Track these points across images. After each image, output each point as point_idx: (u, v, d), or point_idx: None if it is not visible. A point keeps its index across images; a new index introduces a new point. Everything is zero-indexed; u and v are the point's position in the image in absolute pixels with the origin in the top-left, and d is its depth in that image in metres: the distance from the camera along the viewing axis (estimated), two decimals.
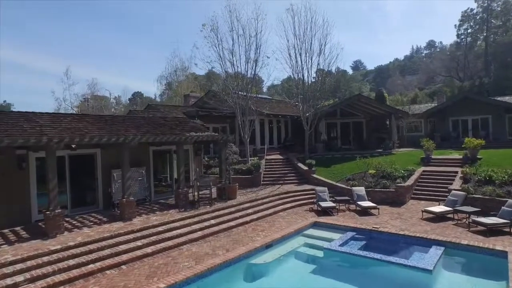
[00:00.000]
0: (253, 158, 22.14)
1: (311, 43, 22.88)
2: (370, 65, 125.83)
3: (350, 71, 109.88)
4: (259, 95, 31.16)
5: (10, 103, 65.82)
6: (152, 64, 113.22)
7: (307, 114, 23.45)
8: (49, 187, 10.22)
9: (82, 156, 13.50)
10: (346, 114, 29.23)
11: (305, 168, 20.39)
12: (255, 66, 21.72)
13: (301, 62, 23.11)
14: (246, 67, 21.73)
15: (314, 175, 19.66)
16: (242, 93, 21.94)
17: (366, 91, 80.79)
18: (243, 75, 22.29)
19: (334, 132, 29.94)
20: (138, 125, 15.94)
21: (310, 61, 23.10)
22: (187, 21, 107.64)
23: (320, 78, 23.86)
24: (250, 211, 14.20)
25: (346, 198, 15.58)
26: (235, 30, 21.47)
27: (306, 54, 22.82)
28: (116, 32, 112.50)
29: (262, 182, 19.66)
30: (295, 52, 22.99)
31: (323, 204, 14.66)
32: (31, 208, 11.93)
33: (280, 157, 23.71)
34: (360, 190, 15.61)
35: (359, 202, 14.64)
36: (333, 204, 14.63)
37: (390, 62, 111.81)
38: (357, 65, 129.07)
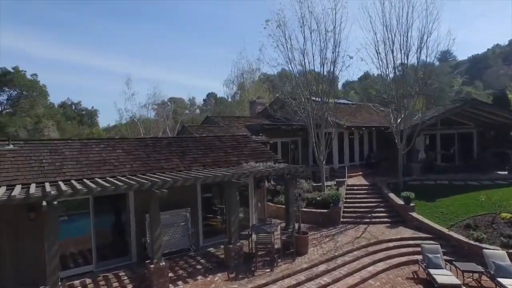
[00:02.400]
0: (330, 184, 17.69)
1: (407, 35, 17.53)
2: (461, 55, 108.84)
3: (436, 63, 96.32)
4: (336, 100, 26.34)
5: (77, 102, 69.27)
6: (221, 64, 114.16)
7: (401, 128, 18.15)
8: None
9: (111, 197, 10.71)
10: (449, 123, 22.80)
11: (400, 202, 15.30)
12: (333, 68, 17.23)
13: (393, 60, 17.93)
14: (322, 70, 17.36)
15: (413, 214, 14.50)
16: (316, 99, 17.64)
17: (457, 85, 69.30)
18: (318, 78, 17.96)
19: (433, 146, 23.69)
20: (184, 151, 12.82)
21: (406, 59, 17.79)
22: (251, 19, 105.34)
23: (419, 78, 18.21)
24: (326, 279, 10.00)
25: (475, 268, 10.30)
26: (307, 25, 17.25)
27: (401, 49, 17.56)
28: (179, 33, 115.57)
29: (341, 219, 15.19)
30: (385, 48, 17.91)
31: (439, 277, 9.73)
32: None
33: (365, 182, 18.77)
34: (500, 256, 10.19)
35: (501, 280, 9.36)
36: (457, 282, 9.57)
37: (489, 49, 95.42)
38: (445, 56, 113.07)
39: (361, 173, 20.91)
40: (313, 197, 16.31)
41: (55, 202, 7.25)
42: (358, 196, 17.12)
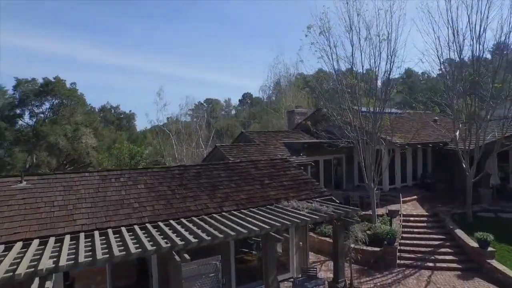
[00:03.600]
0: (381, 213, 15.27)
1: (479, 34, 14.64)
2: None
3: None
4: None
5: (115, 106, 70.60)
6: (258, 63, 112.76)
7: (470, 147, 15.33)
8: None
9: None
10: None
11: (473, 244, 12.60)
12: (388, 79, 14.79)
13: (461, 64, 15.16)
14: (374, 84, 15.00)
15: (493, 263, 11.76)
16: (366, 113, 15.34)
17: None
18: (368, 92, 15.62)
19: (505, 165, 20.25)
20: (214, 184, 11.13)
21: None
22: (290, 20, 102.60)
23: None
24: None
25: None
26: (355, 30, 14.95)
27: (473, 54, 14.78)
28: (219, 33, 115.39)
29: (398, 261, 12.80)
30: (449, 52, 15.19)
31: None
32: None
33: (423, 211, 16.08)
34: None
35: None
36: None
37: None
38: None
39: (415, 197, 18.19)
40: (362, 229, 14.01)
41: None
42: (416, 230, 14.56)
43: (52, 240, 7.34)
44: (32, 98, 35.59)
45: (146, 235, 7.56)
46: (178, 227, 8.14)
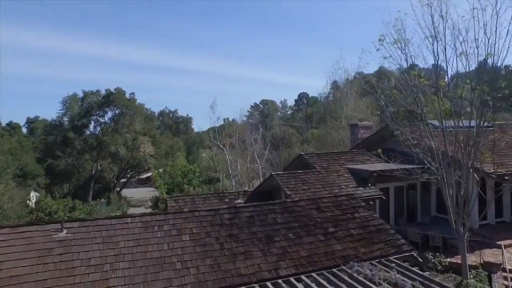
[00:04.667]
0: (476, 269, 12.35)
1: None
2: None
3: None
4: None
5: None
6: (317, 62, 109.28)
7: None
8: None
9: None
10: None
11: None
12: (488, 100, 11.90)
13: None
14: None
15: None
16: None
17: None
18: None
19: None
20: (269, 235, 9.50)
21: None
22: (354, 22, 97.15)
23: None
24: None
25: None
26: (440, 37, 12.24)
27: None
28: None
29: None
30: None
31: None
32: None
33: None
34: None
35: None
36: None
37: None
38: None
39: None
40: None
41: None
42: None
43: None
44: (96, 109, 37.49)
45: None
46: None
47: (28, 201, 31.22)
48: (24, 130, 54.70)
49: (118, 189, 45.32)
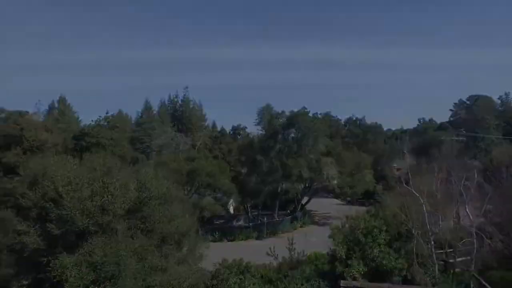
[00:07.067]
0: None
1: None
2: None
3: None
4: None
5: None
6: None
7: None
8: None
9: None
10: None
11: None
12: None
13: None
14: None
15: None
16: None
17: None
18: None
19: None
20: None
21: None
22: None
23: None
24: None
25: None
26: None
27: None
28: None
29: None
30: None
31: None
32: None
33: None
34: None
35: None
36: None
37: None
38: None
39: None
40: None
41: None
42: None
43: None
44: (280, 132, 38.11)
45: None
46: None
47: None
48: None
49: (302, 202, 45.44)
